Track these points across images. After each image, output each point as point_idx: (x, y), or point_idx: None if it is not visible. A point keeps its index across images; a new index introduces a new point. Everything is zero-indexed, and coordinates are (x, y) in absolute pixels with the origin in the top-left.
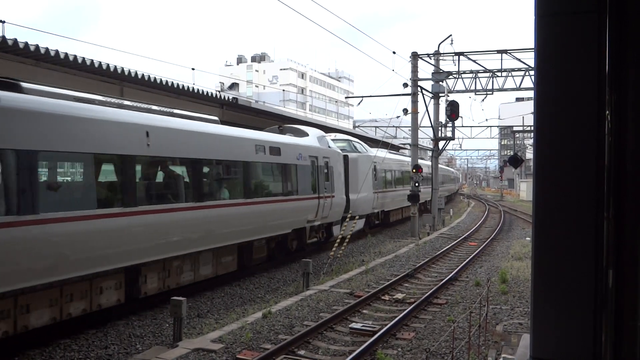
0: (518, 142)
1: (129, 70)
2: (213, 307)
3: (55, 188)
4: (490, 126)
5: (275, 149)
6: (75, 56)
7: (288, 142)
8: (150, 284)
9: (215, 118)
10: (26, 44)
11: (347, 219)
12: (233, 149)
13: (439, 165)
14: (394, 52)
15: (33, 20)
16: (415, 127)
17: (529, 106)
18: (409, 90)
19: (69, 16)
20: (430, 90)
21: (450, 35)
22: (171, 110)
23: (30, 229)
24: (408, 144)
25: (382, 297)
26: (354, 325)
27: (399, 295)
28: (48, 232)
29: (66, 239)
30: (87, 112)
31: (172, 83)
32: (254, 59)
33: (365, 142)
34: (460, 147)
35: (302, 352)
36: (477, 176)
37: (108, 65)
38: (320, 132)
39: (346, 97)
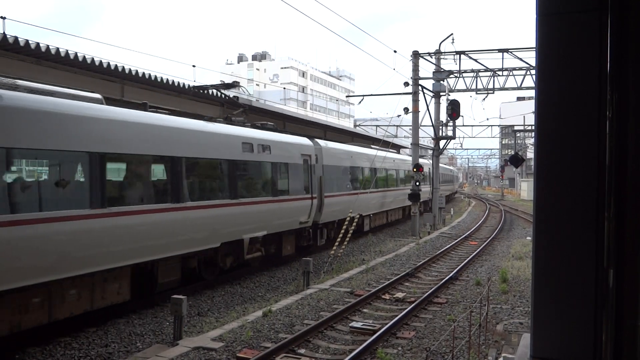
0: (519, 141)
1: (130, 69)
2: (213, 305)
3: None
4: (491, 125)
5: None
6: (75, 54)
7: None
8: None
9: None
10: (27, 42)
11: (348, 218)
12: None
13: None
14: (395, 51)
15: (39, 18)
16: (416, 126)
17: (530, 105)
18: (409, 89)
19: (74, 14)
20: (431, 89)
21: (452, 34)
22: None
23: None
24: (404, 146)
25: (383, 296)
26: (354, 324)
27: (400, 294)
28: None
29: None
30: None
31: (173, 81)
32: (254, 58)
33: (365, 141)
34: (461, 146)
35: (302, 351)
36: (478, 175)
37: (109, 63)
38: None
39: (347, 96)
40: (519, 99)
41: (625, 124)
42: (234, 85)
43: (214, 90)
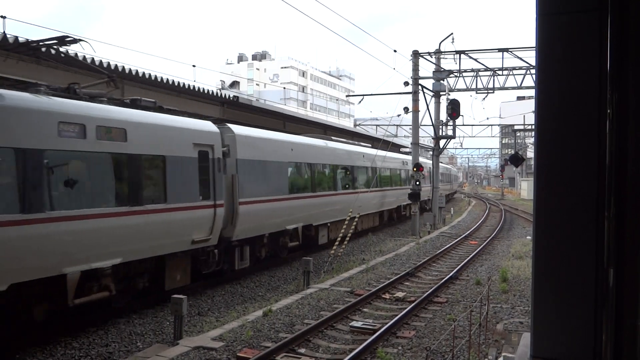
0: (519, 140)
1: (130, 69)
2: (214, 305)
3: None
4: (491, 125)
5: None
6: (75, 54)
7: None
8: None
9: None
10: (27, 41)
11: (348, 219)
12: None
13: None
14: (395, 51)
15: (40, 18)
16: (416, 125)
17: (530, 105)
18: (410, 88)
19: (74, 14)
20: (431, 89)
21: (452, 33)
22: None
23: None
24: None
25: (383, 296)
26: (354, 323)
27: (400, 294)
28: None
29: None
30: None
31: (173, 81)
32: (254, 57)
33: (366, 141)
34: (461, 145)
35: (302, 350)
36: (478, 175)
37: (109, 63)
38: None
39: (347, 96)
40: (519, 98)
41: (626, 124)
42: (73, 40)
43: (214, 89)
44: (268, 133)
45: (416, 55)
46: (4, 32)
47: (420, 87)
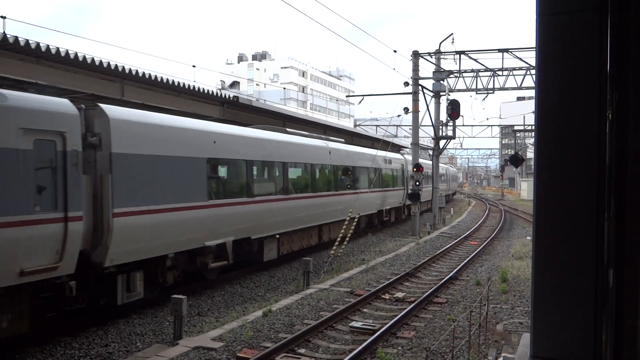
0: (519, 141)
1: (130, 69)
2: (213, 305)
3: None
4: (491, 125)
5: None
6: (75, 54)
7: None
8: None
9: None
10: (27, 41)
11: (348, 219)
12: None
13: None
14: (395, 51)
15: (40, 19)
16: (416, 126)
17: (530, 105)
18: (410, 89)
19: (74, 14)
20: (431, 89)
21: (452, 34)
22: None
23: None
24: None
25: (383, 296)
26: (354, 324)
27: (400, 294)
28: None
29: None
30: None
31: (173, 81)
32: (254, 58)
33: (365, 141)
34: (461, 146)
35: (302, 351)
36: (478, 175)
37: (109, 63)
38: None
39: (347, 96)
40: (519, 98)
41: (626, 124)
42: None
43: (214, 89)
44: (170, 119)
45: (416, 55)
46: (4, 32)
47: (420, 88)
